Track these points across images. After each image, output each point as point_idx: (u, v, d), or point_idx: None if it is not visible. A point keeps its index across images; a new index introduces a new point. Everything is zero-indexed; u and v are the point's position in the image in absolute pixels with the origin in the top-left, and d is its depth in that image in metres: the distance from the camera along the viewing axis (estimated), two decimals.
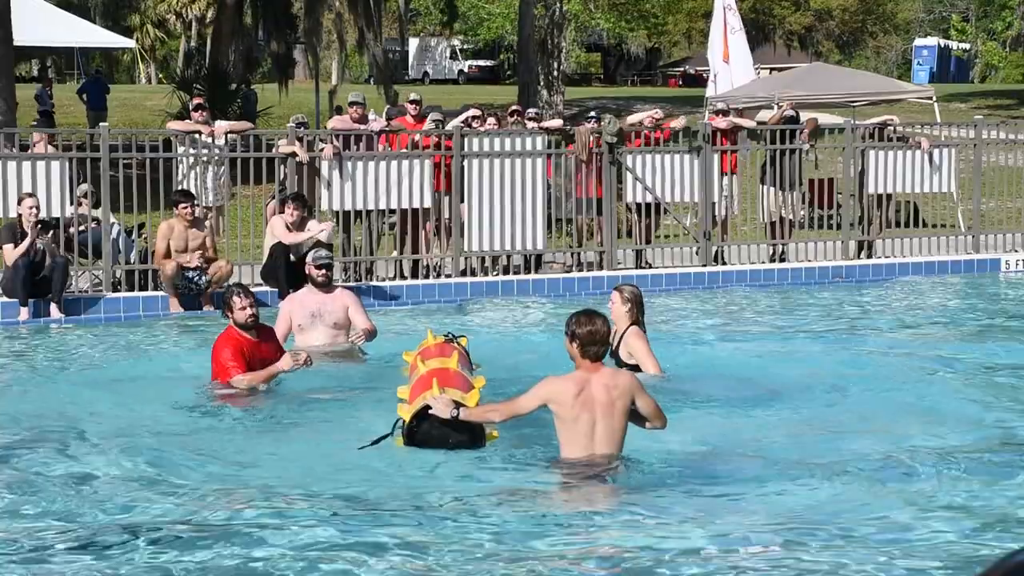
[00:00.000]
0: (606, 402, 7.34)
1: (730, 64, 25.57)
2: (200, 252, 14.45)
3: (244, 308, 9.84)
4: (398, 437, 7.97)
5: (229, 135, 15.60)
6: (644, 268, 16.84)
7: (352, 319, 11.21)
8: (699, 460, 7.95)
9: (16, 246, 13.70)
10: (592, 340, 7.41)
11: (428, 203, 16.11)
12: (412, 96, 17.91)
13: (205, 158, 15.45)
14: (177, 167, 15.46)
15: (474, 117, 17.14)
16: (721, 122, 17.50)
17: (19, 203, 13.95)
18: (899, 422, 8.89)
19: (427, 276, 16.27)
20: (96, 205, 15.38)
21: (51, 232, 14.20)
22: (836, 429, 8.72)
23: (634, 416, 7.51)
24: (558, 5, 30.95)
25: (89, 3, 56.41)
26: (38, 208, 13.85)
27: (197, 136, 15.49)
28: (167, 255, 14.39)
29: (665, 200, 17.10)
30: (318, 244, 14.66)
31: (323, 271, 11.26)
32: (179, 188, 15.04)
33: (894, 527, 6.57)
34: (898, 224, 18.62)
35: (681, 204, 17.68)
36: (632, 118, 18.12)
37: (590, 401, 7.33)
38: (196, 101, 16.70)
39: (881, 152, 17.96)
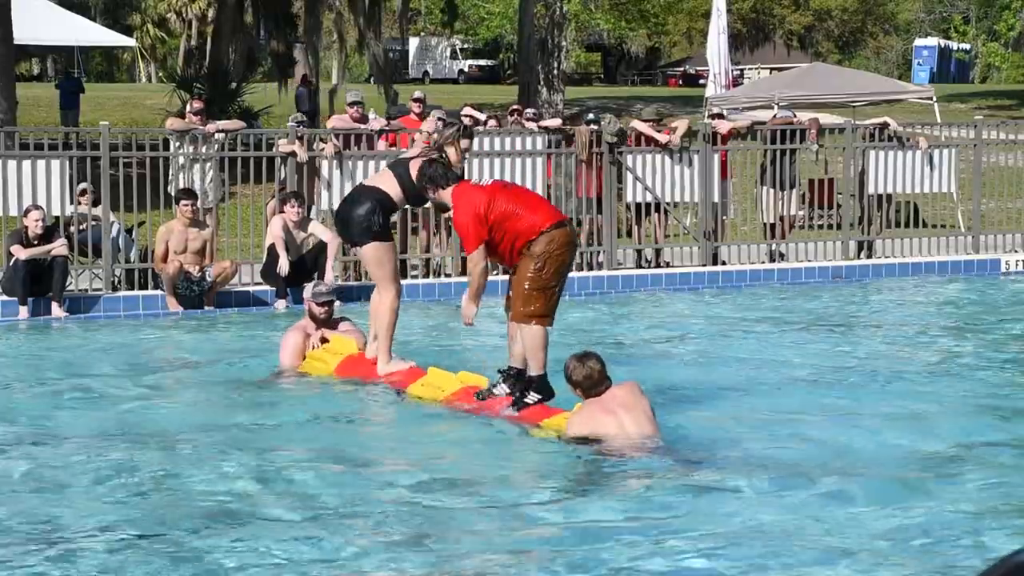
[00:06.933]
0: (628, 401, 7.94)
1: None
2: (199, 258, 14.42)
3: None
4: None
5: (227, 134, 15.56)
6: (645, 267, 16.85)
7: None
8: (692, 454, 7.96)
9: (25, 247, 13.68)
10: (592, 383, 8.06)
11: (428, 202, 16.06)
12: (416, 94, 17.89)
13: (195, 156, 15.37)
14: (169, 167, 15.40)
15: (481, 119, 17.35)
16: (722, 127, 17.44)
17: (25, 215, 13.92)
18: (897, 422, 8.89)
19: (427, 275, 16.25)
20: (96, 203, 15.37)
21: (60, 240, 14.03)
22: (835, 429, 8.72)
23: None
24: (558, 5, 30.94)
25: (90, 2, 56.49)
26: (44, 220, 13.86)
27: (197, 136, 15.43)
28: (165, 258, 14.37)
29: (665, 200, 17.10)
30: (320, 248, 14.66)
31: (324, 308, 10.63)
32: (177, 187, 15.01)
33: (895, 527, 6.56)
34: (898, 224, 18.62)
35: (681, 204, 17.68)
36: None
37: (611, 408, 7.93)
38: (197, 105, 16.59)
39: (881, 152, 17.96)
